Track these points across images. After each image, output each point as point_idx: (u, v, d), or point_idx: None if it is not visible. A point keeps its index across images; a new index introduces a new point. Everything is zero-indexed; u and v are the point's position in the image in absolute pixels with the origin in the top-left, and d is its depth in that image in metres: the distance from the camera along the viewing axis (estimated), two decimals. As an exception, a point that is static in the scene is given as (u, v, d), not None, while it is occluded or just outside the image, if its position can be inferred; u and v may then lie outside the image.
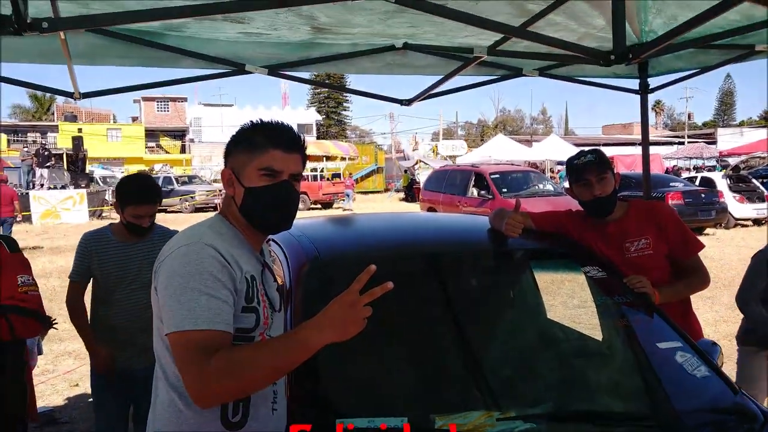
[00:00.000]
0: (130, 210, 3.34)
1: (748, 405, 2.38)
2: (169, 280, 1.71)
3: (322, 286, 2.55)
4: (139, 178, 3.60)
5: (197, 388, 1.63)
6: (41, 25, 1.81)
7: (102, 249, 3.46)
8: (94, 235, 3.53)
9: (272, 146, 1.84)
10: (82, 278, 3.50)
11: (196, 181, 33.30)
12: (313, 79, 10.04)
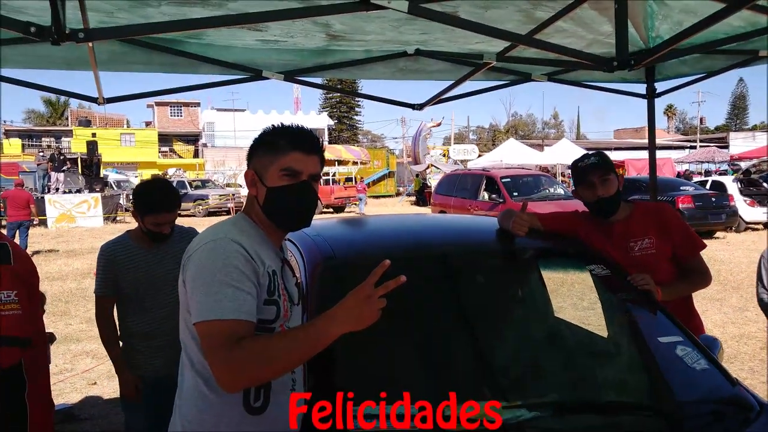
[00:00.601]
0: (151, 218, 3.32)
1: (745, 396, 2.48)
2: (197, 273, 1.84)
3: (337, 283, 2.64)
4: (157, 185, 3.53)
5: (223, 374, 1.74)
6: (78, 35, 1.94)
7: (126, 258, 3.42)
8: (116, 245, 3.48)
9: (293, 148, 1.97)
10: (109, 291, 3.45)
11: (209, 185, 33.52)
12: (326, 84, 10.12)
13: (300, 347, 1.76)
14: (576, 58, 2.52)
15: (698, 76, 4.50)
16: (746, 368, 6.59)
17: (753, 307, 9.18)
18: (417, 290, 3.00)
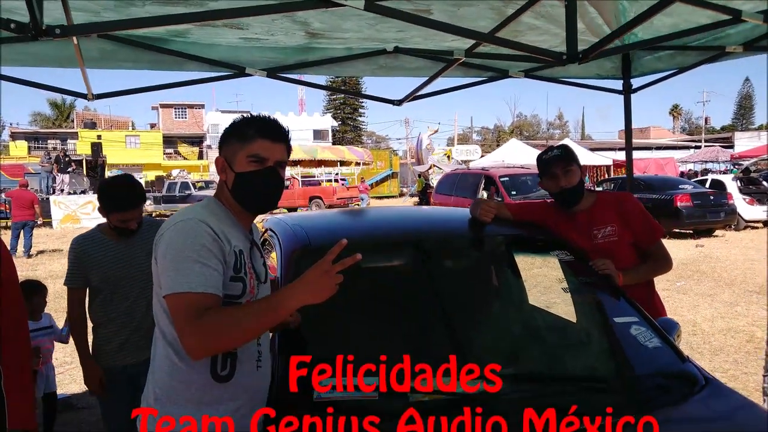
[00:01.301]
0: (116, 216, 3.39)
1: (693, 371, 2.63)
2: (167, 250, 1.99)
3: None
4: (122, 183, 3.52)
5: (190, 341, 1.90)
6: (54, 31, 2.10)
7: (96, 251, 3.49)
8: (86, 239, 3.55)
9: (260, 136, 2.13)
10: (77, 282, 3.53)
11: (212, 186, 33.70)
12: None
13: (261, 316, 1.93)
14: (530, 53, 2.65)
15: (671, 71, 4.64)
16: (730, 360, 6.72)
17: (744, 303, 9.32)
18: (386, 274, 3.21)
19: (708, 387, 2.53)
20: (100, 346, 3.59)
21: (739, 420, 2.33)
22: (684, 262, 13.06)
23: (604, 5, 3.75)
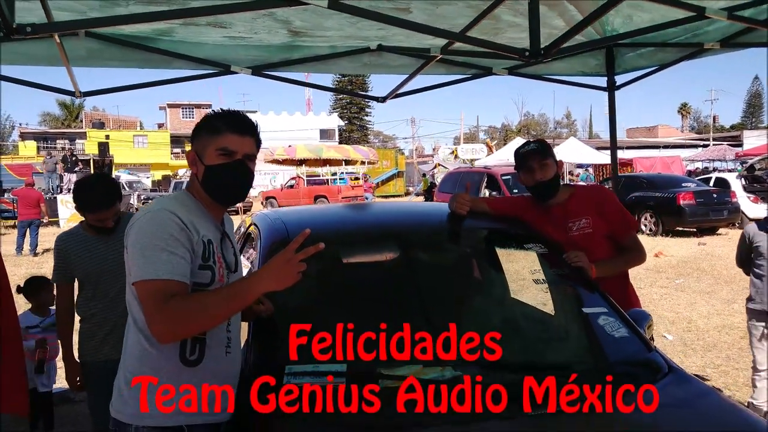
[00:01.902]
0: (91, 216, 3.46)
1: (657, 359, 2.69)
2: (136, 238, 2.08)
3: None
4: (96, 183, 3.57)
5: (157, 326, 1.99)
6: (26, 29, 2.18)
7: (78, 248, 3.57)
8: (69, 235, 3.64)
9: (228, 130, 2.21)
10: (62, 278, 3.62)
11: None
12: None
13: (227, 302, 2.03)
14: (495, 49, 2.72)
15: (653, 68, 4.70)
16: (723, 356, 6.77)
17: (741, 300, 9.26)
18: (361, 265, 3.30)
19: (671, 374, 2.60)
20: (83, 341, 3.68)
21: (696, 405, 2.40)
22: (685, 260, 13.08)
23: (584, 4, 3.82)
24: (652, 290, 10.29)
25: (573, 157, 31.56)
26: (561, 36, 2.62)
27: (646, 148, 52.13)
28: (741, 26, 3.82)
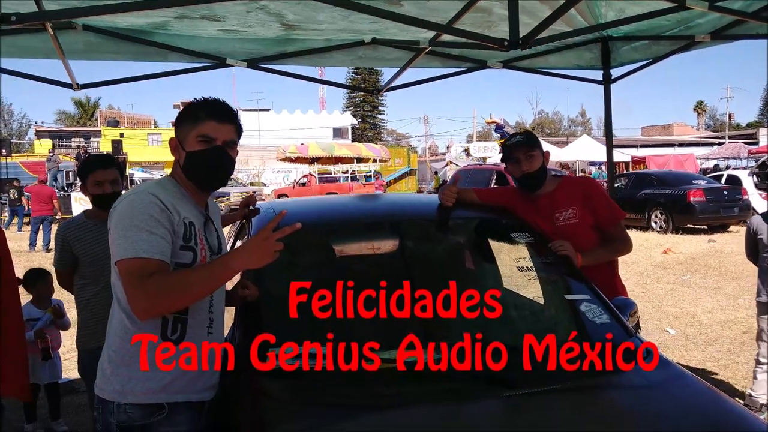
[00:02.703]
0: (91, 179, 3.56)
1: (635, 343, 2.73)
2: (118, 220, 2.16)
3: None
4: (96, 154, 3.88)
5: (136, 302, 2.07)
6: (11, 18, 2.26)
7: (81, 234, 3.67)
8: (70, 223, 3.78)
9: (208, 118, 2.28)
10: (61, 264, 3.74)
11: (231, 183, 34.05)
12: (294, 73, 9.64)
13: (205, 279, 2.10)
14: (476, 40, 2.76)
15: (647, 61, 4.72)
16: (724, 350, 6.76)
17: (747, 296, 9.28)
18: (348, 253, 3.37)
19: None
20: (81, 328, 3.77)
21: (669, 386, 2.44)
22: (693, 256, 13.03)
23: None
24: (658, 286, 10.27)
25: (586, 154, 31.51)
26: (538, 25, 2.64)
27: (662, 146, 51.82)
28: (731, 18, 3.85)
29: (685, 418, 2.23)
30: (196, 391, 2.30)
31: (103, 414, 2.23)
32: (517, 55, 4.69)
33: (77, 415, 5.29)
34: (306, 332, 2.71)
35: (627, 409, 2.36)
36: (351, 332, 2.77)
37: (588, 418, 2.27)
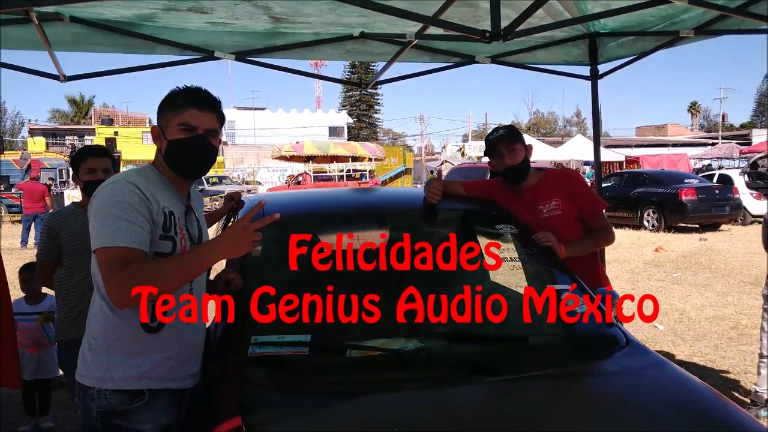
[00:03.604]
0: (84, 167, 3.60)
1: (616, 333, 2.76)
2: (97, 208, 2.16)
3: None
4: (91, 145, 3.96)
5: (113, 290, 2.07)
6: (-7, 4, 2.27)
7: (69, 223, 3.71)
8: (59, 213, 3.85)
9: (190, 106, 2.29)
10: (49, 255, 3.76)
11: (225, 181, 33.98)
12: (283, 67, 9.43)
13: (182, 268, 2.11)
14: (459, 31, 2.78)
15: (632, 57, 4.76)
16: (711, 345, 6.81)
17: (736, 293, 9.37)
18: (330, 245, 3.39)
19: (628, 347, 2.67)
20: (61, 318, 3.81)
21: (646, 373, 2.47)
22: (684, 254, 13.10)
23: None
24: (648, 283, 10.32)
25: (580, 154, 31.61)
26: (519, 15, 2.67)
27: (656, 146, 51.99)
28: (714, 14, 3.88)
29: (658, 400, 2.26)
30: (176, 379, 2.32)
31: (83, 400, 2.24)
32: (505, 51, 4.72)
33: (65, 410, 5.29)
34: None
35: (604, 394, 2.39)
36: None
37: (566, 401, 2.30)
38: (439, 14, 3.13)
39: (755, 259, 12.03)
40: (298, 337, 2.54)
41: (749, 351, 6.26)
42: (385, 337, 2.69)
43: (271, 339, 2.54)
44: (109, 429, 2.20)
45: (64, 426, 4.99)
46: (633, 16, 4.17)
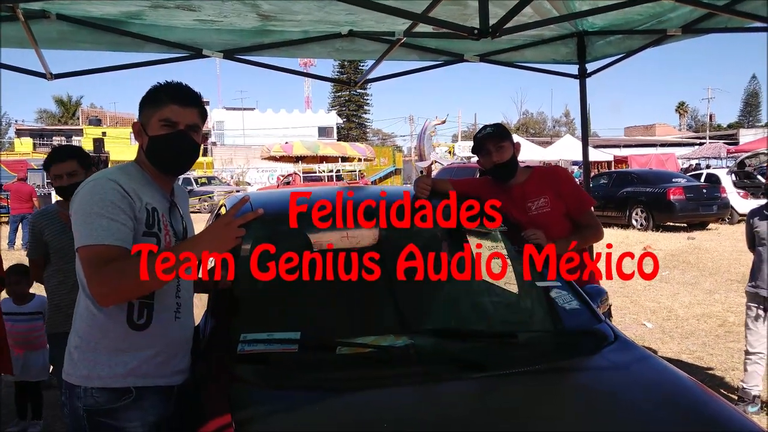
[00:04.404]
0: (52, 171, 3.66)
1: (605, 329, 2.78)
2: (79, 206, 2.14)
3: (249, 234, 2.99)
4: (56, 147, 3.95)
5: (96, 288, 2.06)
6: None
7: (51, 223, 3.76)
8: (42, 212, 3.91)
9: (171, 101, 2.26)
10: (37, 252, 3.84)
11: (214, 182, 33.96)
12: (272, 65, 9.29)
13: (164, 265, 2.08)
14: (448, 28, 2.78)
15: (620, 55, 4.78)
16: (699, 342, 6.85)
17: (723, 291, 9.43)
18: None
19: (616, 342, 2.68)
20: (51, 315, 3.83)
21: (634, 368, 2.49)
22: (672, 253, 13.16)
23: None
24: (636, 282, 10.34)
25: (569, 154, 31.70)
26: (507, 12, 2.67)
27: (644, 146, 52.25)
28: (701, 12, 3.90)
29: (646, 395, 2.27)
30: (164, 376, 2.30)
31: (70, 399, 2.23)
32: (494, 49, 4.73)
33: (55, 409, 5.26)
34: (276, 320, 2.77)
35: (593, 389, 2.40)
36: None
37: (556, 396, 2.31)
38: (428, 12, 3.13)
39: (742, 257, 12.09)
40: (287, 334, 2.54)
41: (737, 348, 6.30)
42: (375, 334, 2.69)
43: (261, 336, 2.53)
44: (96, 428, 2.18)
45: (53, 425, 4.96)
46: (621, 14, 4.19)
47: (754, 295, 4.87)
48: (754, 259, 4.98)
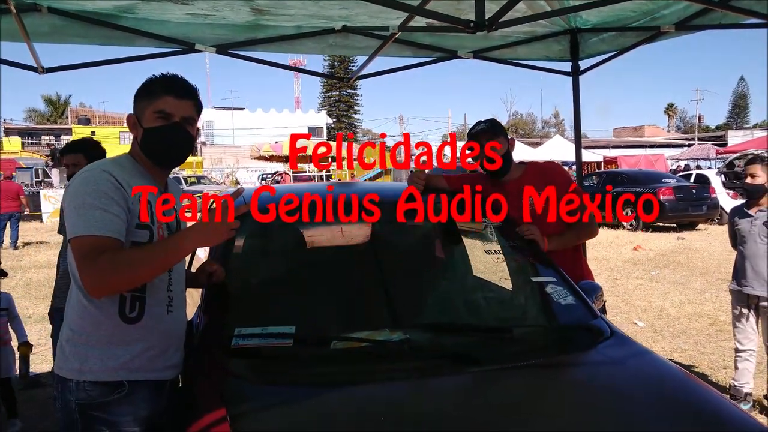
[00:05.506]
0: (63, 161, 3.93)
1: (601, 324, 2.77)
2: (71, 198, 2.12)
3: (243, 230, 2.97)
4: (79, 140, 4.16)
5: (88, 280, 2.03)
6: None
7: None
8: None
9: (166, 93, 2.24)
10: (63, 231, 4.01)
11: (204, 181, 33.81)
12: (265, 60, 9.25)
13: (157, 256, 2.08)
14: (443, 21, 2.77)
15: (613, 52, 4.78)
16: (691, 341, 6.87)
17: (714, 290, 9.47)
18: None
19: (612, 337, 2.67)
20: (57, 291, 4.04)
21: (629, 362, 2.48)
22: (662, 253, 13.22)
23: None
24: (627, 281, 10.39)
25: (559, 154, 31.75)
26: (503, 6, 2.66)
27: (633, 147, 52.48)
28: (695, 9, 3.91)
29: (642, 389, 2.27)
30: (156, 370, 2.27)
31: (61, 392, 2.20)
32: (487, 46, 4.72)
33: (39, 408, 5.21)
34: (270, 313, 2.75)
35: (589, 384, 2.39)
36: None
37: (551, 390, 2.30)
38: (424, 5, 3.11)
39: (732, 257, 12.07)
40: (281, 328, 2.52)
41: (728, 347, 6.31)
42: (370, 329, 2.67)
43: (255, 331, 2.51)
44: (88, 421, 2.15)
45: (41, 423, 4.91)
46: (614, 11, 4.19)
47: (738, 293, 4.90)
48: (736, 257, 5.03)
